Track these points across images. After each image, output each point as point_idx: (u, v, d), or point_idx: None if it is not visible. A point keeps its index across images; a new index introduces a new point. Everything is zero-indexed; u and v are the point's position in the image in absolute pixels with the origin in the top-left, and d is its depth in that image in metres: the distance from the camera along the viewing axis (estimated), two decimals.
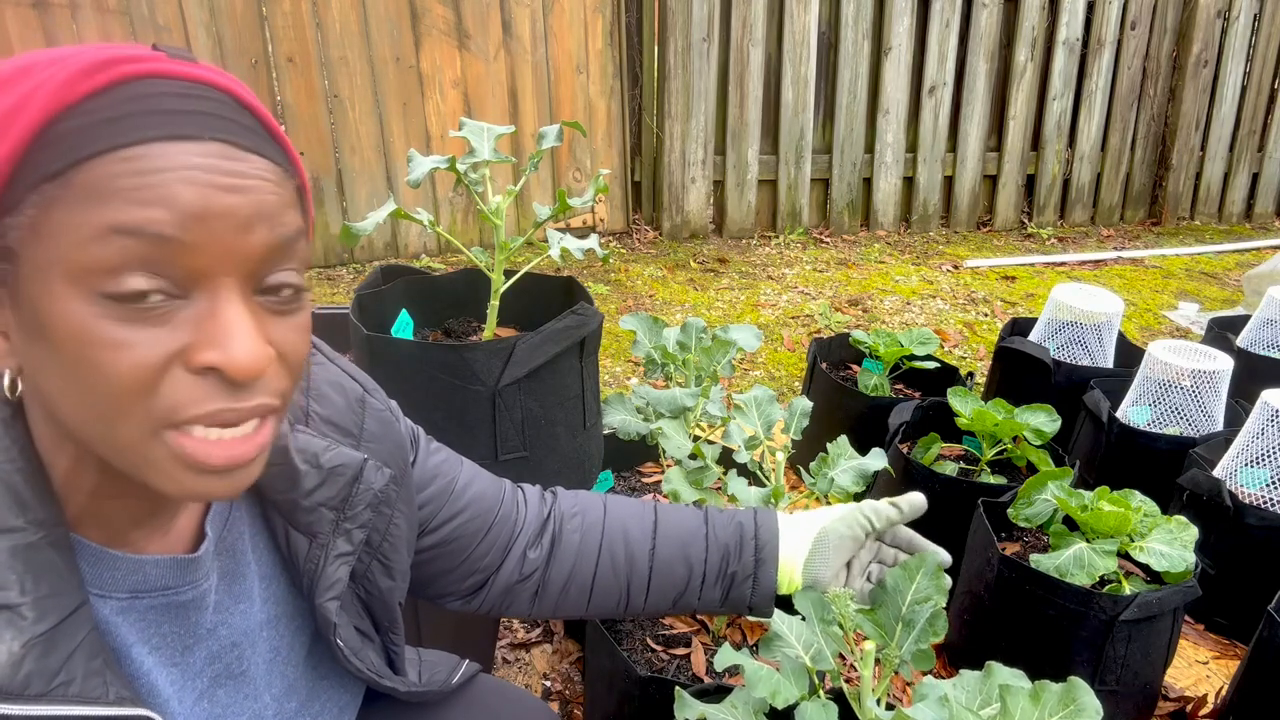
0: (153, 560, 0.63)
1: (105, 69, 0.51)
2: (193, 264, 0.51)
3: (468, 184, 1.37)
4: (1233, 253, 4.78)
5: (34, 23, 3.28)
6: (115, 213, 0.49)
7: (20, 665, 0.52)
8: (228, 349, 0.52)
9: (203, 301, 0.53)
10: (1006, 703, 0.93)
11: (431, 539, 0.89)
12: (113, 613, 0.62)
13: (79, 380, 0.51)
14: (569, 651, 1.81)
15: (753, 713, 0.97)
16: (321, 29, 3.71)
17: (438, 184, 4.08)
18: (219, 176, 0.52)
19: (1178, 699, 1.76)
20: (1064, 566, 1.59)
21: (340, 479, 0.75)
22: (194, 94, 0.53)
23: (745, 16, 4.27)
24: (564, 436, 1.44)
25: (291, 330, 0.58)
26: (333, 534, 0.75)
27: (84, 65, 0.51)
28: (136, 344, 0.51)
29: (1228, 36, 4.91)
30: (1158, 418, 2.21)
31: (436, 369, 1.31)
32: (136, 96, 0.51)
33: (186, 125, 0.52)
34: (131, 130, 0.50)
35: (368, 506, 0.76)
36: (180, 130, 0.51)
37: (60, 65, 0.51)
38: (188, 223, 0.50)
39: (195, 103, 0.53)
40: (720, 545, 0.98)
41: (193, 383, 0.53)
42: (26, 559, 0.55)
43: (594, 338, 1.45)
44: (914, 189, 4.84)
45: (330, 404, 0.77)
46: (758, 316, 3.66)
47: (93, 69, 0.51)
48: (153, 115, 0.51)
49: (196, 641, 0.67)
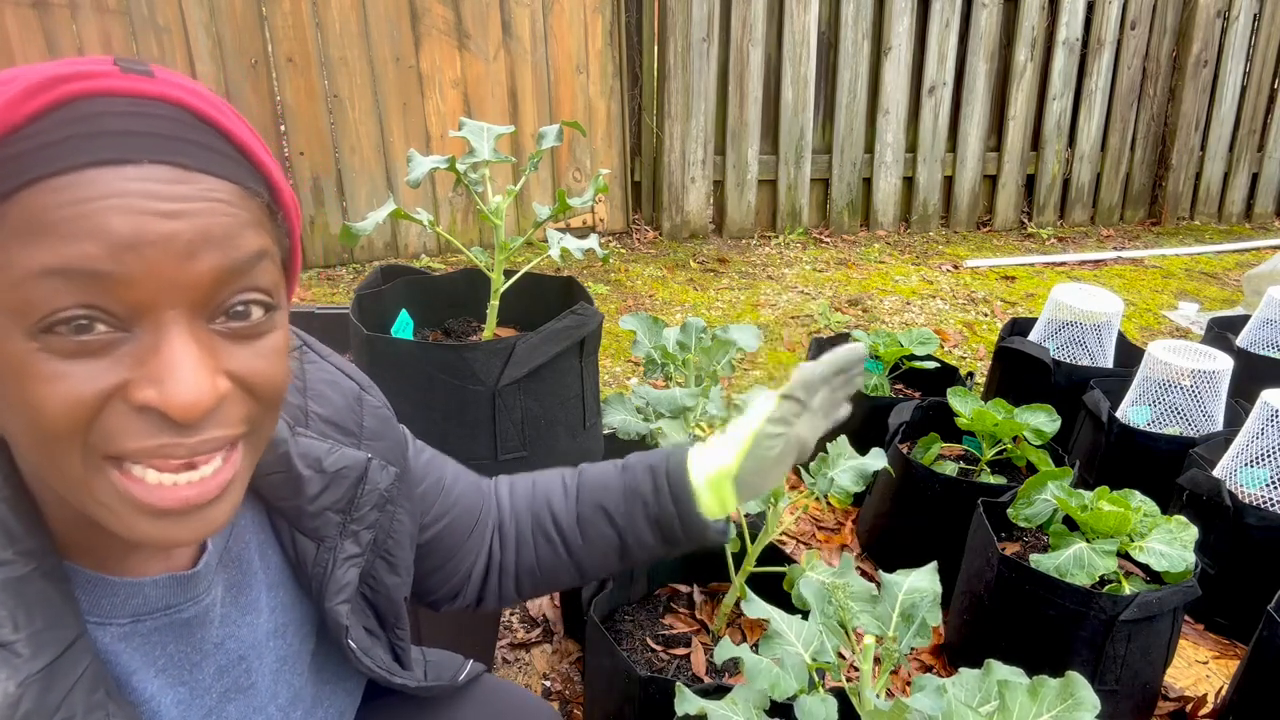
0: (151, 581, 0.62)
1: (49, 89, 0.49)
2: (131, 297, 0.49)
3: (468, 184, 1.37)
4: (1233, 253, 4.78)
5: (34, 23, 3.28)
6: (46, 253, 0.47)
7: (17, 706, 0.51)
8: (166, 388, 0.49)
9: (146, 335, 0.50)
10: (1005, 698, 0.93)
11: (423, 536, 0.89)
12: (113, 640, 0.60)
13: (22, 415, 0.50)
14: (569, 651, 1.81)
15: (753, 709, 0.98)
16: (321, 29, 3.71)
17: (438, 184, 4.08)
18: (156, 202, 0.49)
19: (1178, 699, 1.76)
20: (1064, 566, 1.59)
21: (345, 481, 0.74)
22: (140, 111, 0.50)
23: (745, 16, 4.27)
24: (564, 436, 1.44)
25: (258, 356, 0.54)
26: (339, 537, 0.74)
27: (28, 86, 0.48)
28: (73, 377, 0.48)
29: (1227, 36, 4.91)
30: (1157, 418, 2.22)
31: (436, 369, 1.31)
32: (77, 118, 0.49)
33: (125, 148, 0.49)
34: (66, 156, 0.48)
35: (374, 507, 0.76)
36: (117, 154, 0.49)
37: (6, 88, 0.49)
38: (121, 255, 0.48)
39: (140, 121, 0.50)
40: (637, 493, 0.94)
41: (133, 417, 0.50)
42: (18, 592, 0.53)
43: (594, 338, 1.45)
44: (914, 189, 4.84)
45: (328, 403, 0.76)
46: (758, 316, 3.66)
47: (35, 90, 0.48)
48: (91, 139, 0.48)
49: (203, 658, 0.66)
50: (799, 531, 2.24)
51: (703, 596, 1.58)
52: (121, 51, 3.42)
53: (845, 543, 2.21)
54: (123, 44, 3.42)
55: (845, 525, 2.27)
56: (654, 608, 1.55)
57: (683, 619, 1.53)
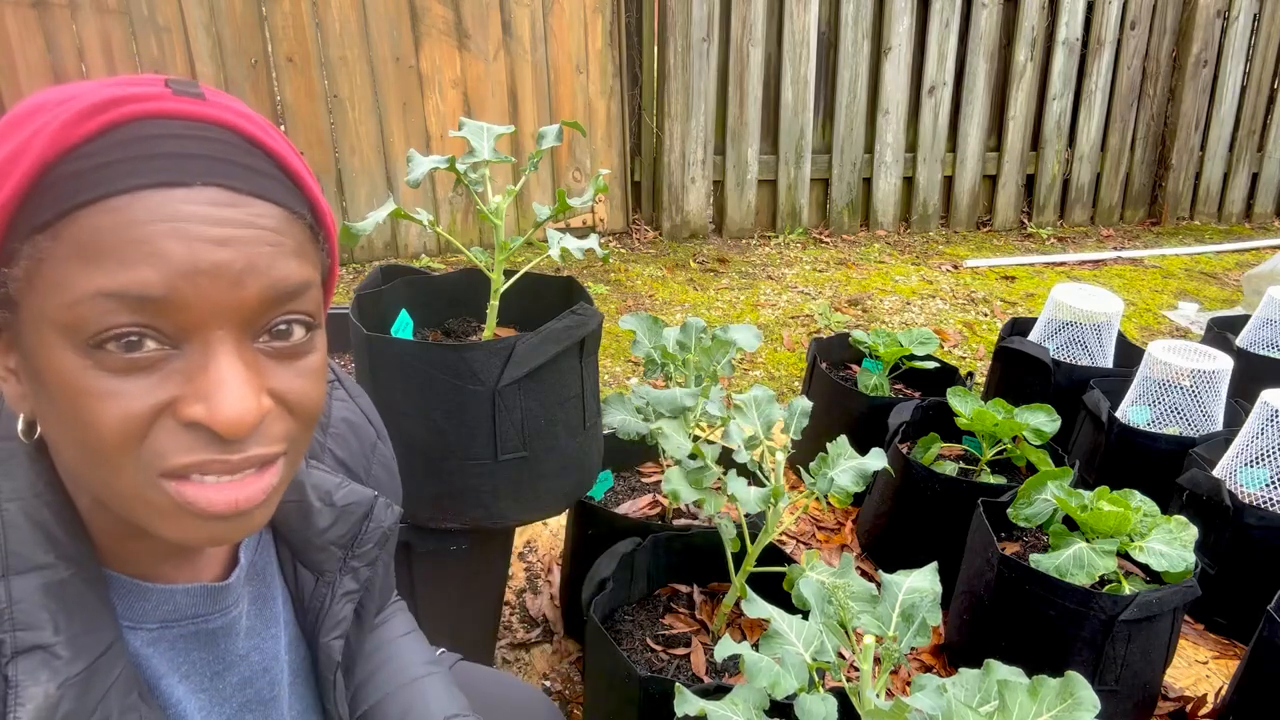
0: (183, 589, 0.63)
1: (106, 110, 0.50)
2: (183, 319, 0.50)
3: (467, 184, 1.37)
4: (1232, 253, 4.78)
5: (34, 23, 3.28)
6: (103, 276, 0.48)
7: (57, 707, 0.52)
8: (214, 406, 0.51)
9: (195, 353, 0.51)
10: (1005, 698, 0.93)
11: None
12: (143, 644, 0.61)
13: (74, 429, 0.51)
14: (569, 651, 1.81)
15: (753, 709, 0.98)
16: (321, 29, 3.71)
17: (437, 184, 4.08)
18: (208, 227, 0.50)
19: (1177, 699, 1.76)
20: (1064, 566, 1.59)
21: (352, 516, 0.75)
22: (194, 134, 0.52)
23: (745, 16, 4.27)
24: (564, 436, 1.44)
25: (299, 376, 0.56)
26: (339, 572, 0.75)
27: (84, 107, 0.49)
28: (125, 394, 0.50)
29: (1227, 36, 4.91)
30: (1157, 418, 2.22)
31: (436, 369, 1.31)
32: (132, 140, 0.50)
33: (179, 170, 0.50)
34: (121, 178, 0.49)
35: (376, 544, 0.76)
36: (171, 176, 0.50)
37: (64, 106, 0.50)
38: (175, 281, 0.49)
39: (193, 144, 0.51)
40: None
41: (182, 432, 0.52)
42: (60, 596, 0.54)
43: (594, 338, 1.45)
44: (914, 189, 4.84)
45: (345, 445, 0.78)
46: (757, 316, 3.66)
47: (93, 111, 0.49)
48: (146, 160, 0.49)
49: (227, 668, 0.67)
50: (799, 531, 2.24)
51: (703, 596, 1.58)
52: (121, 52, 3.42)
53: (845, 543, 2.21)
54: (123, 44, 3.41)
55: (845, 525, 2.27)
56: (654, 608, 1.55)
57: (683, 619, 1.53)
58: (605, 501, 1.78)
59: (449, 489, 1.38)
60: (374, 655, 0.89)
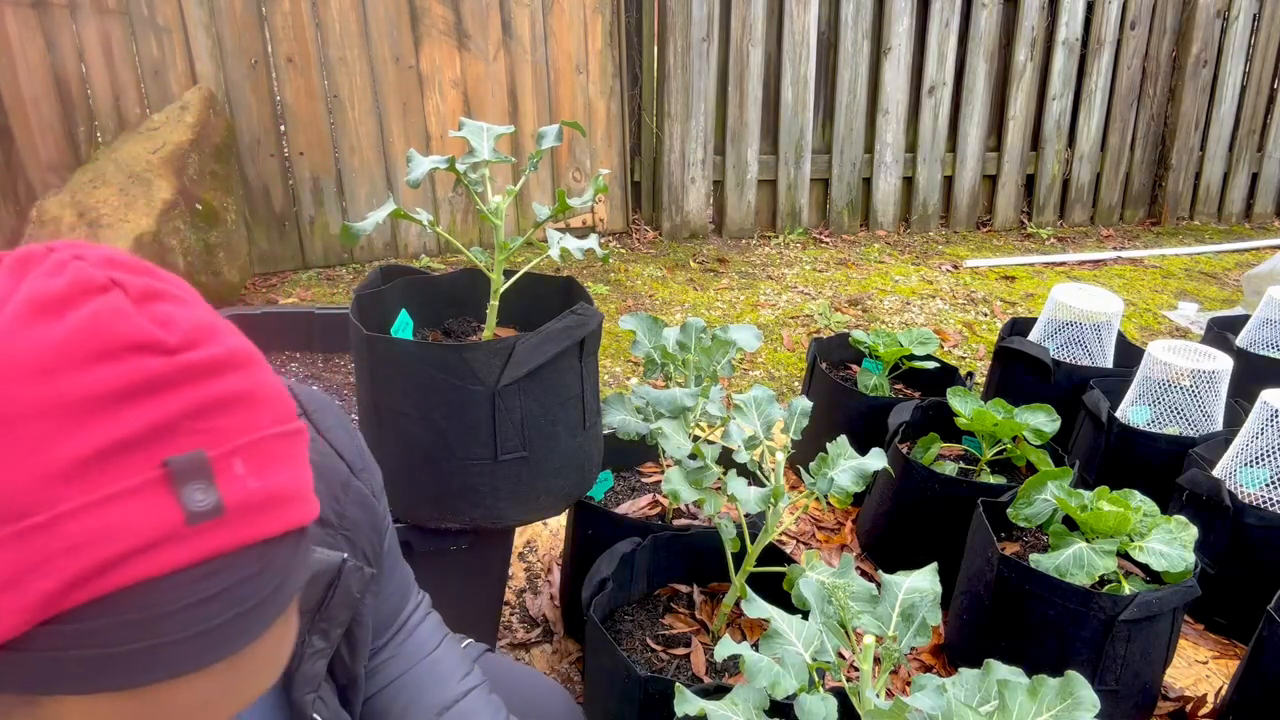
0: None
1: (95, 578, 0.40)
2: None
3: (467, 184, 1.37)
4: (1232, 253, 4.78)
5: (33, 23, 3.28)
6: None
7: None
8: None
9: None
10: (1005, 698, 0.93)
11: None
12: None
13: None
14: (569, 651, 1.81)
15: (753, 709, 0.98)
16: (321, 29, 3.71)
17: (437, 184, 4.08)
18: (215, 700, 0.47)
19: (1177, 699, 1.76)
20: (1064, 566, 1.59)
21: (318, 584, 0.73)
22: (210, 595, 0.44)
23: (745, 16, 4.27)
24: (564, 436, 1.44)
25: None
26: (308, 632, 0.74)
27: (66, 579, 0.40)
28: None
29: (1227, 36, 4.91)
30: (1157, 418, 2.22)
31: (436, 369, 1.31)
32: (129, 623, 0.42)
33: (186, 658, 0.44)
34: (114, 674, 0.42)
35: (346, 607, 0.75)
36: (177, 668, 0.44)
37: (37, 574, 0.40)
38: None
39: (209, 614, 0.44)
40: None
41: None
42: None
43: (594, 338, 1.45)
44: (914, 189, 4.84)
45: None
46: (757, 316, 3.66)
47: (74, 583, 0.40)
48: (146, 654, 0.43)
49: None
50: (799, 531, 2.24)
51: (703, 596, 1.58)
52: (121, 52, 3.42)
53: (845, 543, 2.21)
54: (122, 44, 3.41)
55: (845, 525, 2.27)
56: (654, 608, 1.55)
57: (683, 619, 1.53)
58: (605, 501, 1.78)
59: (449, 489, 1.38)
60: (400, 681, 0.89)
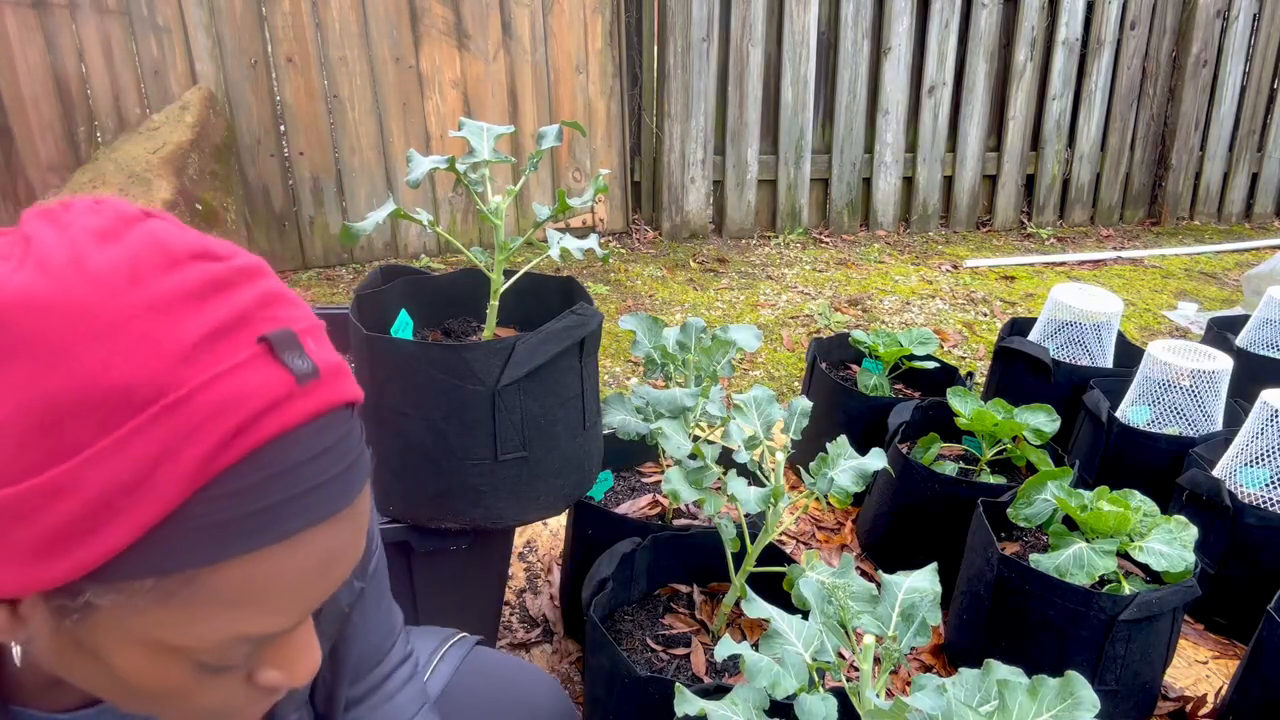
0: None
1: (244, 433, 0.46)
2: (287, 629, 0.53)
3: (467, 184, 1.37)
4: (1232, 253, 4.78)
5: (33, 22, 3.28)
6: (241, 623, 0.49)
7: None
8: (294, 671, 0.55)
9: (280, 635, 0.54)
10: (1005, 698, 0.93)
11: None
12: None
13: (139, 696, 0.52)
14: (569, 651, 1.81)
15: (753, 709, 0.98)
16: (321, 29, 3.71)
17: (437, 184, 4.08)
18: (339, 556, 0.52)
19: (1177, 699, 1.76)
20: (1064, 566, 1.59)
21: None
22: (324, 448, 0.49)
23: (745, 16, 4.27)
24: (564, 436, 1.44)
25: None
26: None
27: (222, 435, 0.45)
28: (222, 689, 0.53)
29: (1227, 36, 4.91)
30: (1157, 418, 2.22)
31: (436, 369, 1.31)
32: (275, 476, 0.47)
33: (321, 506, 0.49)
34: (269, 526, 0.47)
35: (334, 620, 0.75)
36: (314, 515, 0.49)
37: (196, 435, 0.44)
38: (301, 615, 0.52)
39: (328, 463, 0.50)
40: None
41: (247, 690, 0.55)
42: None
43: (594, 338, 1.45)
44: (913, 189, 4.84)
45: None
46: (757, 316, 3.66)
47: (233, 434, 0.45)
48: (291, 503, 0.48)
49: None
50: (799, 531, 2.24)
51: (703, 596, 1.58)
52: (121, 52, 3.42)
53: (845, 543, 2.21)
54: (122, 44, 3.41)
55: (845, 525, 2.27)
56: (654, 608, 1.55)
57: (683, 619, 1.53)
58: (605, 501, 1.78)
59: (449, 489, 1.38)
60: None
